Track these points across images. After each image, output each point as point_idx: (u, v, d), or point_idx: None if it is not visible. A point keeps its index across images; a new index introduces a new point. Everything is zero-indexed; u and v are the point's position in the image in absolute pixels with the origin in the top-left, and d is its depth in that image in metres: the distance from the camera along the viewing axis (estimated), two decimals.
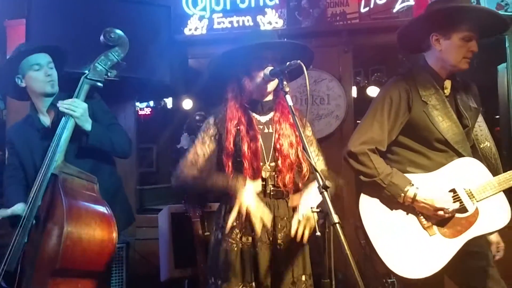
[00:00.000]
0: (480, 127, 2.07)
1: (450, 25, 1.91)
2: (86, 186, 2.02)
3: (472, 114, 2.02)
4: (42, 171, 1.98)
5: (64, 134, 2.02)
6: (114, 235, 1.89)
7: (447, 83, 2.01)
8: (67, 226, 1.77)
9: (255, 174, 1.76)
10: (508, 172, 1.91)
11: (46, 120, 2.21)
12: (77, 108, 2.04)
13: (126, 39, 2.19)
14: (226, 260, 1.74)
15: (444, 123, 1.93)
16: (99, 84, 2.12)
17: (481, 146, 2.04)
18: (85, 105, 2.07)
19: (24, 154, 2.20)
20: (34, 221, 1.91)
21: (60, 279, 1.80)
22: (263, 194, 1.78)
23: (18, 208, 2.01)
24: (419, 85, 1.97)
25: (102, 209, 1.96)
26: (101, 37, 2.14)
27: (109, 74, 2.14)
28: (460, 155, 1.95)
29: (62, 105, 2.04)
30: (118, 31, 2.18)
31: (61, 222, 1.79)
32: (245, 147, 1.76)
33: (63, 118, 2.05)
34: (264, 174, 1.78)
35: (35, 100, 2.21)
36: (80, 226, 1.81)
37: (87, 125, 2.09)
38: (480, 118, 2.08)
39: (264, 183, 1.78)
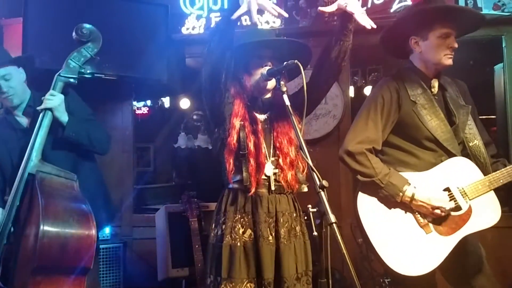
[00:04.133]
0: (469, 126, 2.09)
1: (425, 26, 1.96)
2: (65, 184, 2.02)
3: (463, 112, 2.05)
4: (20, 172, 1.96)
5: (41, 132, 2.01)
6: (93, 231, 1.90)
7: (434, 82, 2.05)
8: (43, 224, 1.80)
9: (259, 169, 1.77)
10: (498, 171, 1.96)
11: (23, 120, 2.19)
12: (54, 97, 2.03)
13: (99, 34, 2.17)
14: (230, 256, 1.73)
15: (433, 122, 1.96)
16: (72, 80, 2.11)
17: (470, 145, 2.06)
18: (62, 96, 2.06)
19: (1, 154, 2.15)
20: (11, 226, 1.90)
21: (40, 277, 1.82)
22: (268, 191, 1.79)
23: None
24: (408, 85, 2.00)
25: (80, 206, 1.97)
26: (73, 34, 2.12)
27: (83, 70, 2.13)
28: (449, 152, 1.98)
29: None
30: (89, 26, 2.15)
31: (37, 221, 1.81)
32: (250, 144, 1.77)
33: (40, 116, 2.03)
34: (268, 171, 1.79)
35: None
36: (57, 224, 1.83)
37: (64, 117, 2.07)
38: (470, 117, 2.09)
39: (267, 179, 1.79)
